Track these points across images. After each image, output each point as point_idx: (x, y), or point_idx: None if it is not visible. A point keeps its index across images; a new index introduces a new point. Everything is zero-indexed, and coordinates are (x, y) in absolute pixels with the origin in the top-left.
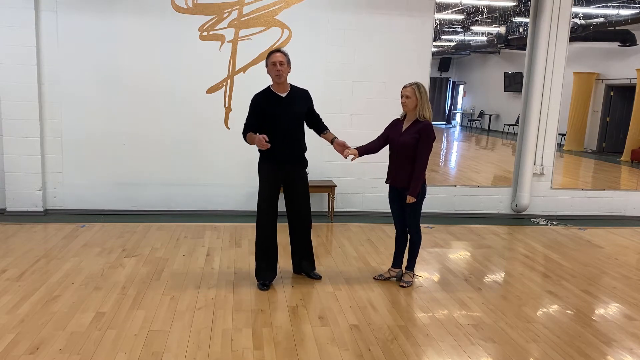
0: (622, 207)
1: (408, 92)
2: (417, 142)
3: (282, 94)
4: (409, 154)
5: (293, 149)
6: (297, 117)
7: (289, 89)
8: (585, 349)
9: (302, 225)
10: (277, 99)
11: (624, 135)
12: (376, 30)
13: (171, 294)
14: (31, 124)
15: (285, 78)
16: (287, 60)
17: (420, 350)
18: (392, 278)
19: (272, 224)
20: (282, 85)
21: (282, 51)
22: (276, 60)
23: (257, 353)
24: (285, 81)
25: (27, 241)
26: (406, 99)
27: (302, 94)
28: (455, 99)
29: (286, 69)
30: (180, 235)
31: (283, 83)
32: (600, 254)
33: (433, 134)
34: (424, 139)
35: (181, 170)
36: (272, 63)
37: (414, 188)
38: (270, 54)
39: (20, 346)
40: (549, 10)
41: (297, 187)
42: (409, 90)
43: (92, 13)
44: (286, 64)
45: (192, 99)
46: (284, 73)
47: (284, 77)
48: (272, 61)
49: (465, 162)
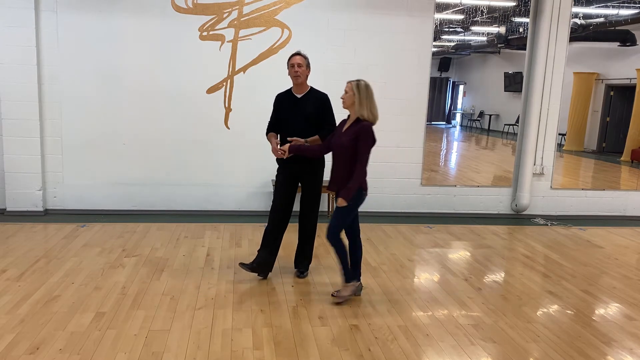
0: (622, 207)
1: (347, 87)
2: (353, 143)
3: (299, 95)
4: (345, 156)
5: None
6: (306, 119)
7: (306, 91)
8: (585, 349)
9: (304, 228)
10: (292, 100)
11: (624, 135)
12: (376, 30)
13: (171, 294)
14: (31, 124)
15: (303, 80)
16: (306, 62)
17: (420, 350)
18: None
19: (278, 218)
20: (299, 87)
21: (301, 54)
22: (294, 62)
23: (257, 353)
24: (302, 82)
25: (27, 241)
26: (344, 94)
27: (318, 97)
28: (455, 99)
29: (304, 71)
30: (180, 235)
31: (300, 84)
32: (600, 254)
33: (371, 136)
34: (361, 140)
35: (181, 170)
36: (291, 65)
37: (347, 191)
38: (291, 57)
39: (20, 346)
40: (549, 10)
41: (306, 190)
42: (348, 86)
43: (92, 13)
44: (305, 67)
45: (192, 99)
46: (301, 75)
47: (301, 79)
48: (291, 63)
49: (465, 162)
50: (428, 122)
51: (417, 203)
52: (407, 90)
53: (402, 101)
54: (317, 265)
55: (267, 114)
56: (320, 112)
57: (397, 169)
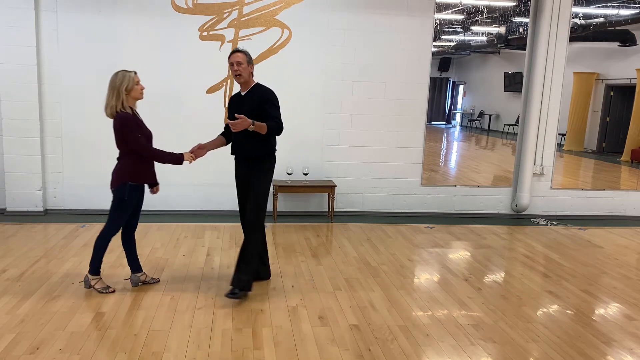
0: (622, 207)
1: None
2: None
3: (243, 93)
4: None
5: (241, 147)
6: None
7: (250, 88)
8: (585, 349)
9: (246, 227)
10: (238, 98)
11: (624, 135)
12: (376, 30)
13: (171, 294)
14: (31, 124)
15: (246, 78)
16: (247, 59)
17: (420, 350)
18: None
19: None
20: (243, 85)
21: (241, 50)
22: (233, 61)
23: (257, 353)
24: (245, 81)
25: (27, 241)
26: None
27: (261, 93)
28: (455, 99)
29: (245, 68)
30: (180, 235)
31: (243, 83)
32: (600, 254)
33: (125, 124)
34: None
35: (181, 170)
36: (230, 63)
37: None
38: (230, 54)
39: (20, 346)
40: (549, 10)
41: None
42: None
43: (92, 13)
44: (245, 64)
45: (192, 99)
46: (242, 73)
47: (243, 77)
48: (230, 61)
49: (465, 162)
50: (428, 122)
51: (417, 203)
52: (407, 90)
53: (402, 101)
54: (317, 265)
55: None
56: (261, 107)
57: (397, 169)
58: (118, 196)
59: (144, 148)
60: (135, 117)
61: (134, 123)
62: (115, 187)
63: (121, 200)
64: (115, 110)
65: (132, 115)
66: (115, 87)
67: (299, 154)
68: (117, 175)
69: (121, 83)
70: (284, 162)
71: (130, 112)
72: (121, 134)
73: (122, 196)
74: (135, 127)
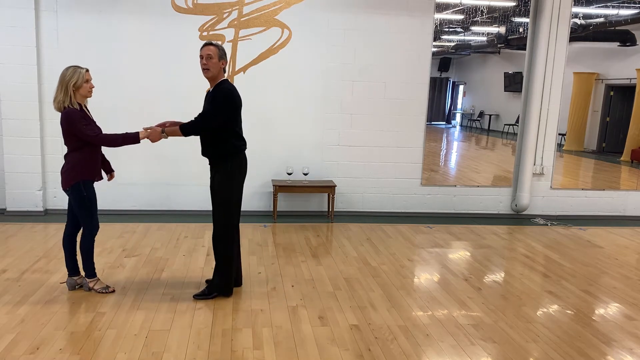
0: (622, 207)
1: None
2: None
3: (209, 90)
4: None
5: (203, 147)
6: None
7: (214, 85)
8: (585, 349)
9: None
10: (206, 95)
11: (624, 135)
12: (376, 30)
13: (171, 294)
14: (31, 124)
15: (212, 73)
16: (219, 54)
17: (420, 350)
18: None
19: None
20: (211, 81)
21: (215, 44)
22: (203, 54)
23: (257, 353)
24: (213, 76)
25: (27, 241)
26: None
27: (214, 91)
28: (455, 99)
29: (215, 63)
30: (180, 235)
31: (210, 78)
32: (600, 254)
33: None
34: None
35: (181, 170)
36: (200, 56)
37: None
38: (202, 46)
39: (20, 346)
40: (549, 10)
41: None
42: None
43: (92, 13)
44: (216, 59)
45: (192, 99)
46: (211, 68)
47: (210, 72)
48: (200, 54)
49: (465, 162)
50: (428, 122)
51: (417, 203)
52: (407, 90)
53: (402, 101)
54: (317, 265)
55: (267, 113)
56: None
57: (397, 169)
58: (77, 195)
59: (94, 137)
60: (84, 112)
61: (81, 117)
62: (70, 187)
63: (82, 199)
64: (63, 105)
65: (79, 111)
66: (64, 83)
67: (298, 153)
68: (69, 175)
69: (70, 79)
70: (284, 162)
71: (77, 108)
72: (67, 129)
73: (81, 194)
74: (81, 120)
